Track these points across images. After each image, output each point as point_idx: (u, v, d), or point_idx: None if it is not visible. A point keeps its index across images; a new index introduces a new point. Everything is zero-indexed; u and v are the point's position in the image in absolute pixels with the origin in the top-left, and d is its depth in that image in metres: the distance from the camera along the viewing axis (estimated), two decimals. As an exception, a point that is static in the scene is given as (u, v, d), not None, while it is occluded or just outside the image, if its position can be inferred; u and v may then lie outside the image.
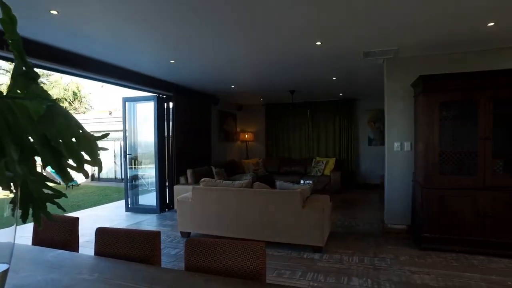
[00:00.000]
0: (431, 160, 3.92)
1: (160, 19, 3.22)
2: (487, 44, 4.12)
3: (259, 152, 10.04)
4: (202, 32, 3.59)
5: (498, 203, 3.75)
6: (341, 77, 6.06)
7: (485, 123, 3.76)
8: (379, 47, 4.19)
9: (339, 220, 5.57)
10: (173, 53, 4.41)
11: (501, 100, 3.78)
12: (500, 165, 3.89)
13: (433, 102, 3.91)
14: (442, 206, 3.90)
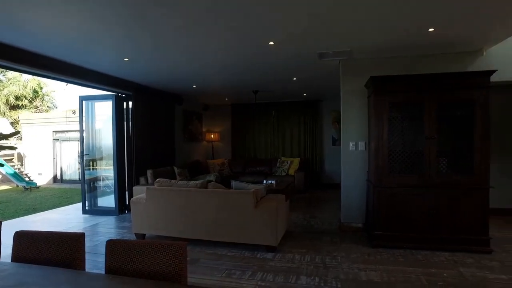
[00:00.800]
0: (381, 159, 4.02)
1: (111, 15, 3.11)
2: (432, 49, 4.28)
3: (225, 152, 9.98)
4: (158, 30, 3.51)
5: (441, 200, 3.90)
6: (301, 78, 6.12)
7: (430, 123, 3.90)
8: (333, 49, 4.26)
9: (298, 219, 5.62)
10: (126, 51, 4.28)
11: (445, 101, 3.94)
12: (444, 163, 4.05)
13: (382, 102, 4.02)
14: (392, 204, 4.01)
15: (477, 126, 3.81)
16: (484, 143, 3.80)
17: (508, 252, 3.89)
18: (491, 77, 4.12)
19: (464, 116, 3.95)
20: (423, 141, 3.93)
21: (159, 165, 7.09)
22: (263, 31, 3.60)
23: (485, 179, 3.81)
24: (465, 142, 3.91)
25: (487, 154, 3.81)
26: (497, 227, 4.96)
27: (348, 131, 4.80)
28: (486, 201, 3.83)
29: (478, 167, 3.82)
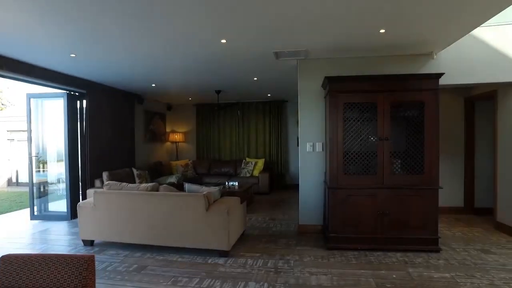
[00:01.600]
0: (336, 161, 4.00)
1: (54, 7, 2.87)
2: (387, 51, 4.32)
3: (190, 153, 9.75)
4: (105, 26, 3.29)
5: (394, 201, 3.92)
6: (262, 78, 6.04)
7: (383, 124, 3.92)
8: (288, 48, 4.19)
9: (258, 221, 5.52)
10: (69, 46, 4.01)
11: (397, 102, 3.97)
12: (398, 164, 4.08)
13: (337, 102, 4.00)
14: (347, 205, 3.99)
15: (427, 127, 3.87)
16: (433, 143, 3.86)
17: (455, 250, 3.98)
18: (441, 80, 4.22)
19: (415, 117, 3.99)
20: (377, 142, 3.95)
21: (118, 166, 6.80)
22: (213, 29, 3.47)
23: (435, 179, 3.88)
24: (416, 143, 3.96)
25: (436, 155, 3.87)
26: (448, 225, 5.09)
27: (305, 132, 4.76)
28: (436, 201, 3.89)
29: (428, 167, 3.88)
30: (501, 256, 3.78)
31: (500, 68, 4.44)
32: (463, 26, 3.50)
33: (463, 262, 3.61)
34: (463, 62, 4.49)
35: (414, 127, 3.98)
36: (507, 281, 3.12)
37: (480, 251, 3.94)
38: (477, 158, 5.84)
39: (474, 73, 4.47)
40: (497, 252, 3.91)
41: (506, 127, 4.67)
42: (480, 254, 3.84)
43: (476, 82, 4.52)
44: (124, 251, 4.09)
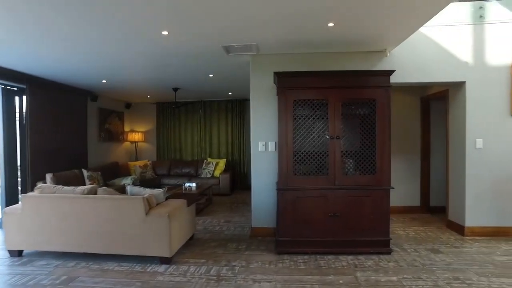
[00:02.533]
0: (285, 160, 3.82)
1: None
2: (340, 47, 4.20)
3: (150, 153, 9.34)
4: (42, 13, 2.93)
5: (346, 203, 3.80)
6: (218, 75, 5.80)
7: (335, 122, 3.78)
8: (237, 42, 3.97)
9: (212, 224, 5.28)
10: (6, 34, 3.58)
11: (348, 100, 3.86)
12: (350, 164, 3.97)
13: (287, 99, 3.82)
14: (298, 208, 3.83)
15: (378, 126, 3.77)
16: (384, 142, 3.76)
17: (406, 251, 3.91)
18: (394, 78, 4.15)
19: (367, 115, 3.89)
20: (329, 142, 3.81)
21: (67, 168, 6.33)
22: (153, 19, 3.19)
23: (386, 179, 3.79)
24: (368, 142, 3.85)
25: (388, 154, 3.78)
26: (404, 225, 5.06)
27: (257, 130, 4.56)
28: (387, 202, 3.80)
29: (379, 167, 3.78)
30: (448, 255, 3.74)
31: (450, 67, 4.45)
32: (411, 23, 3.42)
33: (412, 263, 3.52)
34: (416, 61, 4.46)
35: (366, 126, 3.87)
36: (449, 281, 3.07)
37: (430, 251, 3.89)
38: (433, 158, 5.88)
39: (426, 72, 4.45)
40: (445, 251, 3.88)
41: (455, 127, 4.69)
42: (429, 254, 3.78)
43: (428, 81, 4.50)
44: (57, 261, 3.73)
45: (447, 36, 4.45)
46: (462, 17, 4.46)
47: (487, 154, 4.45)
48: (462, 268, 3.37)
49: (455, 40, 4.45)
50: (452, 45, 4.45)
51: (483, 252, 3.86)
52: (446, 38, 4.46)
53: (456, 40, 4.45)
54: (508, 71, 4.46)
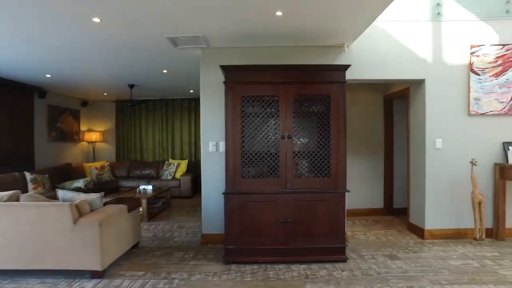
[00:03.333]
0: (233, 162, 3.51)
1: None
2: (296, 41, 3.94)
3: (109, 154, 8.81)
4: None
5: (298, 207, 3.52)
6: (172, 70, 5.43)
7: (286, 120, 3.50)
8: (182, 33, 3.63)
9: (163, 230, 4.90)
10: None
11: (301, 96, 3.59)
12: (304, 166, 3.70)
13: (235, 95, 3.51)
14: (246, 213, 3.52)
15: (334, 124, 3.52)
16: (340, 142, 3.52)
17: (363, 257, 3.68)
18: (352, 74, 3.94)
19: (322, 113, 3.63)
20: (280, 141, 3.52)
21: (8, 170, 5.77)
22: (78, 2, 2.80)
23: (341, 181, 3.54)
24: (322, 142, 3.59)
25: (343, 155, 3.54)
26: (365, 228, 4.86)
27: (208, 129, 4.22)
28: (343, 206, 3.55)
29: (334, 169, 3.53)
30: (405, 261, 3.54)
31: (410, 64, 4.28)
32: (364, 15, 3.20)
33: (367, 272, 3.29)
34: (376, 57, 4.26)
35: (321, 125, 3.62)
36: (404, 293, 2.84)
37: (388, 257, 3.68)
38: (396, 158, 5.73)
39: (386, 69, 4.26)
40: (402, 257, 3.68)
41: (415, 126, 4.53)
42: (386, 261, 3.57)
43: (388, 78, 4.30)
44: (-32, 279, 3.25)
45: (408, 32, 4.28)
46: (422, 13, 4.30)
47: (446, 154, 4.31)
48: (417, 276, 3.17)
49: (415, 37, 4.29)
50: (412, 42, 4.28)
51: (440, 256, 3.69)
52: (407, 35, 4.28)
53: (416, 37, 4.29)
54: (466, 70, 4.33)
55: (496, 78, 4.36)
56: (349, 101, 5.49)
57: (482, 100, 4.33)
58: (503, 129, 4.37)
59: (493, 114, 4.35)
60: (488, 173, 4.35)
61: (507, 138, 4.37)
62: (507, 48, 4.36)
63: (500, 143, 4.38)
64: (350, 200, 5.38)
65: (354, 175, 5.53)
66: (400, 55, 4.26)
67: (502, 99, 4.36)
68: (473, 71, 4.33)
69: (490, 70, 4.35)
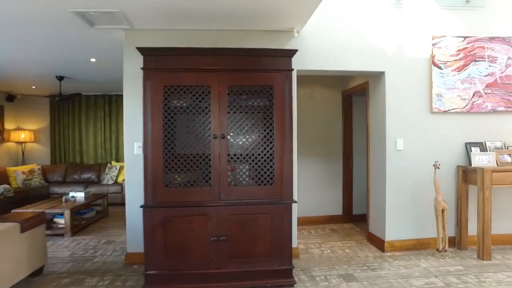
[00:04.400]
0: (153, 167, 2.82)
1: None
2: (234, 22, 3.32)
3: (43, 156, 7.76)
4: None
5: (235, 222, 2.89)
6: (100, 59, 4.64)
7: (219, 116, 2.87)
8: (92, 7, 2.89)
9: (85, 247, 4.12)
10: None
11: (238, 87, 2.97)
12: (244, 172, 3.08)
13: (156, 85, 2.82)
14: (171, 231, 2.84)
15: (277, 121, 2.93)
16: (285, 143, 2.93)
17: (314, 279, 3.12)
18: (305, 64, 3.42)
19: (264, 108, 3.03)
20: (212, 142, 2.88)
21: None
22: None
23: (287, 190, 2.95)
24: (265, 142, 2.99)
25: (289, 158, 2.95)
26: (321, 240, 4.33)
27: (132, 128, 3.51)
28: (289, 220, 2.96)
29: (278, 175, 2.94)
30: (361, 283, 3.02)
31: (368, 55, 3.80)
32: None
33: (315, 300, 2.73)
34: (331, 46, 3.75)
35: (263, 122, 3.02)
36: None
37: (343, 277, 3.15)
38: (356, 159, 5.28)
39: (342, 59, 3.76)
40: (359, 276, 3.16)
41: (375, 125, 4.06)
42: (340, 284, 3.02)
43: (344, 69, 3.80)
44: None
45: (366, 20, 3.81)
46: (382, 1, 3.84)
47: (408, 156, 3.86)
48: (375, 304, 2.64)
49: (374, 26, 3.82)
50: (371, 30, 3.81)
51: (402, 274, 3.21)
52: (365, 23, 3.81)
53: (375, 25, 3.82)
54: (428, 63, 3.91)
55: (458, 73, 3.98)
56: (306, 97, 4.98)
57: (445, 97, 3.93)
58: (465, 129, 4.00)
59: (456, 112, 3.97)
60: (450, 176, 3.96)
61: (470, 138, 4.01)
62: (468, 40, 3.99)
63: (462, 143, 4.00)
64: (306, 207, 4.87)
65: (310, 179, 5.02)
66: (357, 44, 3.77)
67: (464, 96, 3.98)
68: (435, 64, 3.92)
69: (452, 64, 3.96)
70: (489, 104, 4.03)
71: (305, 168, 4.94)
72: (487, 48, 4.03)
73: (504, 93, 4.06)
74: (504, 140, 4.06)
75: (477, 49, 4.00)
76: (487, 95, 4.02)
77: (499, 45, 4.05)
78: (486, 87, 4.02)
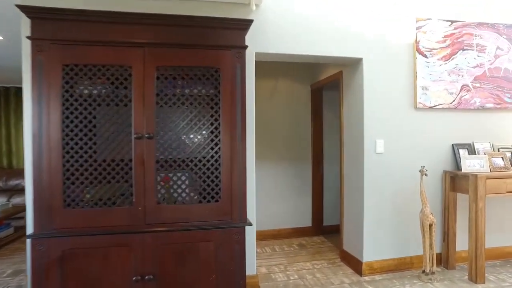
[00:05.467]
0: (47, 180, 1.97)
1: None
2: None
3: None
4: None
5: (168, 254, 2.10)
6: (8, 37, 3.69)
7: (144, 109, 2.07)
8: None
9: (-18, 283, 3.15)
10: None
11: (172, 68, 2.18)
12: (180, 183, 2.28)
13: (51, 63, 1.97)
14: (72, 272, 2.00)
15: (225, 116, 2.17)
16: (234, 145, 2.18)
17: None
18: (265, 46, 2.71)
19: (208, 98, 2.26)
20: (135, 143, 2.07)
21: None
22: None
23: (239, 209, 2.20)
24: (209, 145, 2.23)
25: (242, 166, 2.20)
26: (288, 259, 3.61)
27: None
28: (242, 249, 2.20)
29: (226, 188, 2.18)
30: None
31: (344, 38, 3.14)
32: None
33: None
34: (299, 26, 3.04)
35: (204, 117, 2.25)
36: None
37: (313, 318, 2.44)
38: (327, 164, 4.63)
39: (313, 42, 3.07)
40: (334, 319, 2.48)
41: (350, 123, 3.42)
42: (309, 329, 2.32)
43: (314, 54, 3.09)
44: None
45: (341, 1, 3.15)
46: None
47: (390, 160, 3.24)
48: None
49: (351, 4, 3.16)
50: (347, 9, 3.15)
51: (386, 310, 2.56)
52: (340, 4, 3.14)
53: (352, 4, 3.16)
54: (412, 50, 3.32)
55: (445, 63, 3.42)
56: (268, 91, 4.27)
57: (431, 90, 3.36)
58: (452, 128, 3.46)
59: (443, 108, 3.41)
60: (436, 183, 3.40)
61: (457, 138, 3.46)
62: (455, 25, 3.44)
63: (449, 145, 3.44)
64: (270, 219, 4.18)
65: (274, 188, 4.33)
66: (331, 25, 3.11)
67: (451, 90, 3.43)
68: (420, 52, 3.33)
69: (438, 52, 3.39)
70: (477, 99, 3.50)
71: (268, 174, 4.26)
72: (475, 35, 3.51)
73: (492, 87, 3.55)
74: (493, 141, 3.55)
75: (465, 36, 3.47)
76: (475, 89, 3.50)
77: (488, 33, 3.55)
78: (475, 80, 3.50)
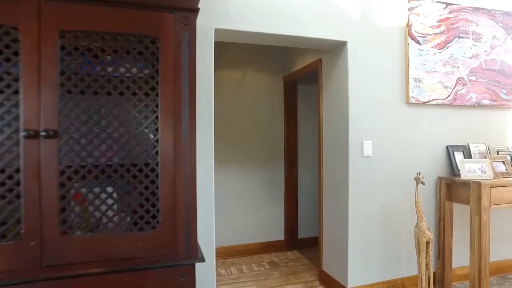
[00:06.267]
0: None
1: None
2: None
3: None
4: None
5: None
6: None
7: (41, 91, 1.38)
8: None
9: None
10: None
11: (85, 34, 1.49)
12: (100, 204, 1.60)
13: None
14: None
15: (164, 104, 1.52)
16: (179, 146, 1.53)
17: None
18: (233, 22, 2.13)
19: (141, 79, 1.59)
20: (24, 143, 1.37)
21: None
22: None
23: (187, 236, 1.56)
24: (141, 146, 1.57)
25: (190, 174, 1.55)
26: (256, 282, 3.00)
27: None
28: (191, 290, 1.56)
29: (166, 208, 1.53)
30: None
31: (325, 18, 2.57)
32: None
33: None
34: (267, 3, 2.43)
35: (137, 106, 1.59)
36: None
37: None
38: (302, 168, 4.08)
39: (288, 21, 2.47)
40: None
41: (331, 121, 2.87)
42: None
43: (290, 34, 2.51)
44: None
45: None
46: None
47: (379, 165, 2.72)
48: None
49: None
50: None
51: None
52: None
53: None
54: (403, 34, 2.82)
55: (440, 51, 2.95)
56: (233, 84, 3.66)
57: (424, 82, 2.88)
58: (447, 127, 2.99)
59: (437, 104, 2.94)
60: (429, 191, 2.93)
61: (452, 139, 3.01)
62: (450, 9, 2.99)
63: (443, 146, 2.98)
64: (236, 232, 3.58)
65: (240, 196, 3.72)
66: (311, 1, 2.53)
67: (446, 83, 2.97)
68: (412, 37, 2.84)
69: (432, 38, 2.92)
70: (473, 95, 3.07)
71: (234, 181, 3.65)
72: (471, 21, 3.07)
73: (489, 82, 3.13)
74: (488, 143, 3.13)
75: (460, 22, 3.02)
76: (471, 83, 3.06)
77: (484, 19, 3.13)
78: (471, 72, 3.06)
